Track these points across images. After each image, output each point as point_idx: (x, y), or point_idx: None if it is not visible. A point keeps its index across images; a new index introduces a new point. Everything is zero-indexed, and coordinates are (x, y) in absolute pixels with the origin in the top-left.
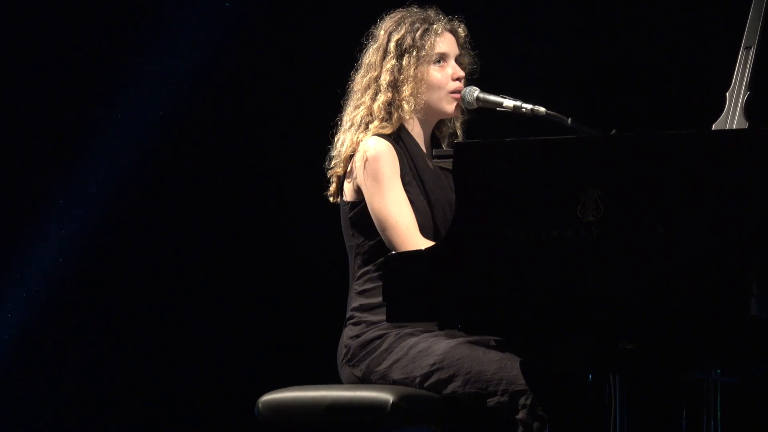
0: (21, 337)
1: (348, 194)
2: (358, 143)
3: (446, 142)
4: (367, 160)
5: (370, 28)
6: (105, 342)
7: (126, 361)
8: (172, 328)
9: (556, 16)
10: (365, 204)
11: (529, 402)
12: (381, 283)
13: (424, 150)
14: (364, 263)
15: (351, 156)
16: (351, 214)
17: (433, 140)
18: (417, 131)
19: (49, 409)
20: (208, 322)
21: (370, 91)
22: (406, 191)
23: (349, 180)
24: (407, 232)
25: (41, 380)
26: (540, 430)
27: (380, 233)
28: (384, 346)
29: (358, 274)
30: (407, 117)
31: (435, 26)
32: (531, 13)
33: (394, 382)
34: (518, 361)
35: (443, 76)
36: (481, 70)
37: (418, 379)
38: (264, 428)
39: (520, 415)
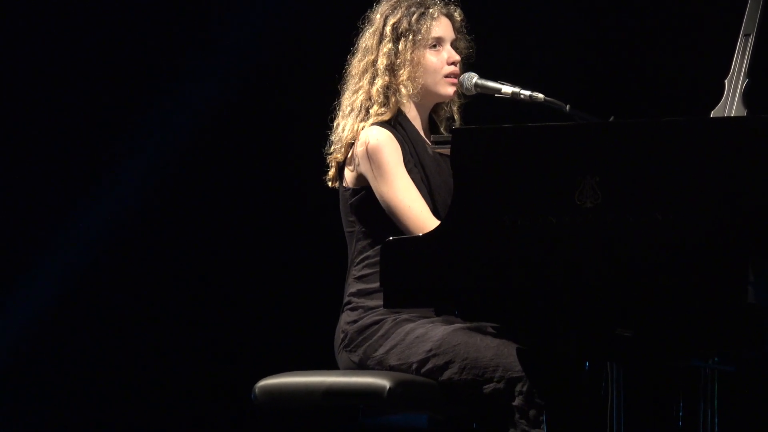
0: (23, 337)
1: (349, 181)
2: (358, 132)
3: (444, 126)
4: (369, 150)
5: (366, 11)
6: (102, 328)
7: (123, 347)
8: (169, 313)
9: (554, 2)
10: (366, 191)
11: (525, 389)
12: (379, 269)
13: (422, 134)
14: (363, 249)
15: (352, 143)
16: (352, 200)
17: (431, 124)
18: (414, 115)
19: (47, 389)
20: (205, 307)
21: (368, 75)
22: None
23: (350, 167)
24: (421, 216)
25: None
26: (536, 417)
27: (395, 222)
28: (381, 332)
29: (357, 259)
30: (405, 101)
31: (431, 10)
32: None
33: (391, 368)
34: (515, 348)
35: (439, 60)
36: (479, 55)
37: (414, 365)
38: (261, 413)
39: (517, 401)
